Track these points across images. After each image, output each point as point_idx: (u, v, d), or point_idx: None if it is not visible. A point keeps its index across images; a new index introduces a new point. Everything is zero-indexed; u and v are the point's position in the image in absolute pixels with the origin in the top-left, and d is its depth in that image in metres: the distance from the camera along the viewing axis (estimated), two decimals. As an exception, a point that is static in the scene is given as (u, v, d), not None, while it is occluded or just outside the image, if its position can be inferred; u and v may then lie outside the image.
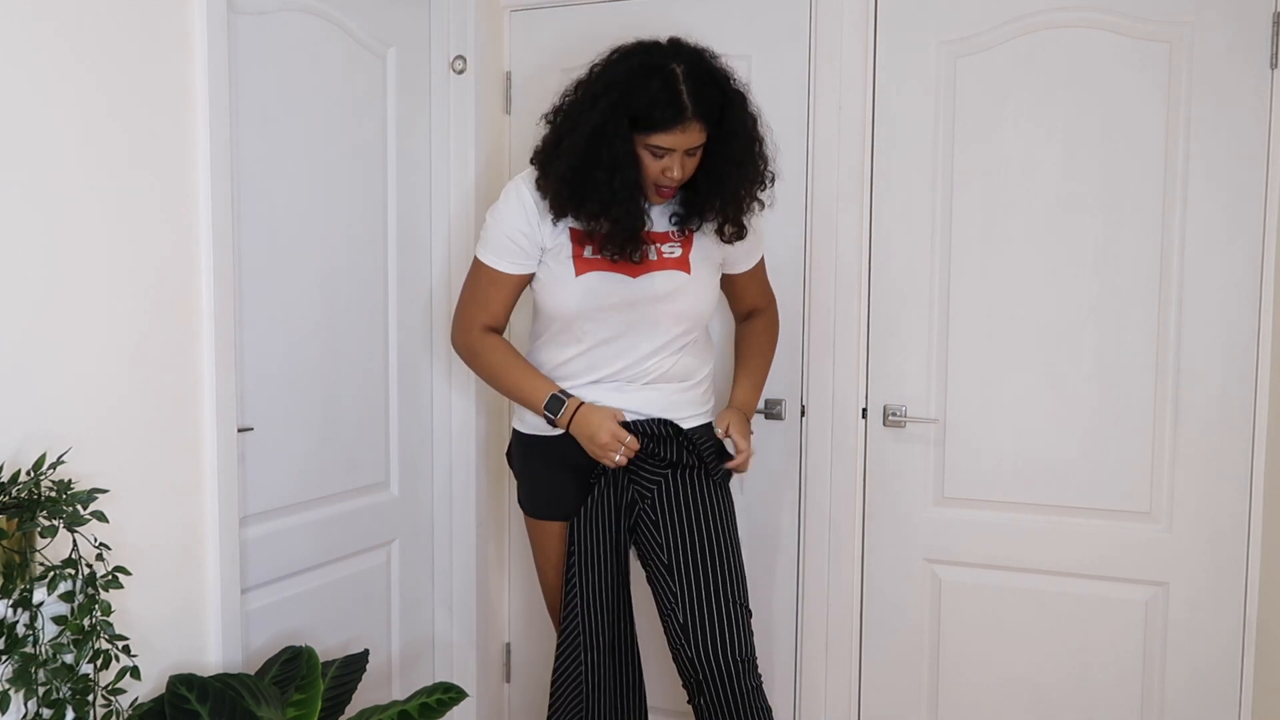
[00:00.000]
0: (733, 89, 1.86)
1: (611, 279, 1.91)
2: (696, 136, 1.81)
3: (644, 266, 1.91)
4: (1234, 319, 2.09)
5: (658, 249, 1.93)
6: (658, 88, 1.78)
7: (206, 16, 1.70)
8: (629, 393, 1.96)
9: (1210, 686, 2.17)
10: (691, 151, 1.83)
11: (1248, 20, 2.04)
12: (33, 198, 1.47)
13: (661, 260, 1.93)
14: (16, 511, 1.35)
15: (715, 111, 1.81)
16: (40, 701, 1.38)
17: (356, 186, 2.22)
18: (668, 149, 1.81)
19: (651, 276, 1.92)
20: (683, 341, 1.99)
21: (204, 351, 1.74)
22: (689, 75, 1.80)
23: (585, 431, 1.91)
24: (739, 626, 1.91)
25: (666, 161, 1.83)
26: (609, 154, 1.80)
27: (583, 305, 1.92)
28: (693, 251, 1.95)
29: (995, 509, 2.29)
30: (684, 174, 1.84)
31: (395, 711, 1.71)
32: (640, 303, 1.92)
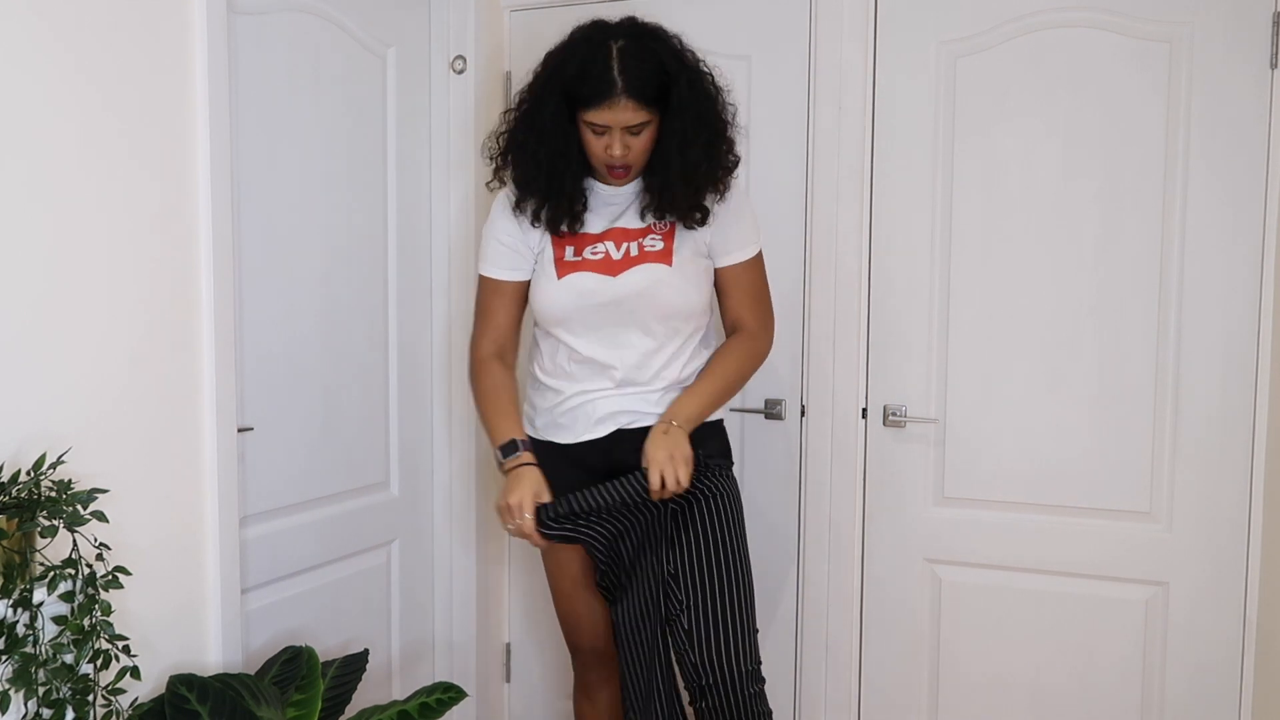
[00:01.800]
0: (682, 66, 1.82)
1: (593, 279, 1.89)
2: (633, 114, 1.78)
3: (625, 263, 1.89)
4: (1234, 319, 2.09)
5: (639, 244, 1.90)
6: (589, 63, 1.77)
7: (206, 16, 1.70)
8: (635, 397, 1.92)
9: (1210, 686, 2.17)
10: (634, 130, 1.80)
11: (1248, 20, 2.04)
12: (32, 197, 1.47)
13: (643, 254, 1.90)
14: (16, 511, 1.35)
15: (653, 90, 1.78)
16: (40, 701, 1.38)
17: (356, 186, 2.22)
18: (604, 126, 1.79)
19: (631, 273, 1.89)
20: (679, 339, 1.93)
21: (204, 351, 1.74)
22: (626, 51, 1.78)
23: (507, 486, 1.87)
24: (744, 635, 1.88)
25: (606, 139, 1.81)
26: (542, 126, 1.82)
27: (568, 307, 1.90)
28: (675, 242, 1.91)
29: (995, 509, 2.29)
30: (628, 153, 1.82)
31: (395, 711, 1.71)
32: (624, 300, 1.89)
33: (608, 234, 1.92)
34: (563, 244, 1.92)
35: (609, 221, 1.93)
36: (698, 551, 1.88)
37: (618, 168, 1.85)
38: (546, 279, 1.92)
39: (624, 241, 1.90)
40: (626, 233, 1.91)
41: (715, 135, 1.86)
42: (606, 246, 1.91)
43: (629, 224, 1.92)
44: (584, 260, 1.90)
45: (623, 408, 1.92)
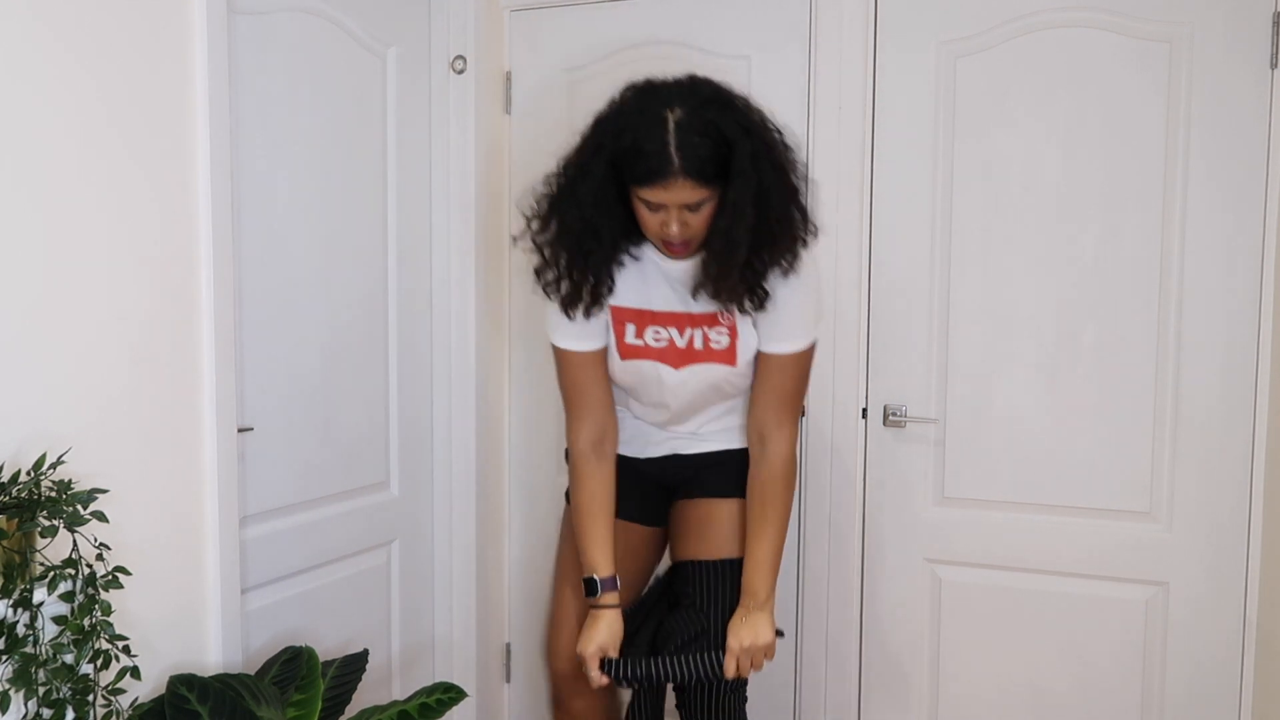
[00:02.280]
0: (745, 135, 1.63)
1: (655, 368, 1.83)
2: (691, 193, 1.62)
3: (688, 355, 1.81)
4: (1234, 319, 2.09)
5: (705, 336, 1.80)
6: (644, 139, 1.60)
7: (206, 16, 1.69)
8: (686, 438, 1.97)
9: (1210, 686, 2.17)
10: (693, 207, 1.64)
11: (1248, 20, 2.04)
12: (32, 197, 1.47)
13: (708, 351, 1.81)
14: (16, 511, 1.35)
15: (713, 167, 1.61)
16: (40, 701, 1.38)
17: (357, 186, 2.22)
18: (660, 204, 1.64)
19: (695, 369, 1.82)
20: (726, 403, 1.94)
21: (204, 351, 1.74)
22: (683, 126, 1.60)
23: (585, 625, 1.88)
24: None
25: (662, 216, 1.66)
26: (579, 194, 1.68)
27: (628, 385, 1.91)
28: (740, 340, 1.80)
29: (995, 509, 2.29)
30: (687, 231, 1.67)
31: (395, 711, 1.71)
32: (681, 393, 1.87)
33: (674, 317, 1.81)
34: (624, 319, 1.82)
35: (674, 299, 1.81)
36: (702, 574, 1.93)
37: (676, 245, 1.71)
38: (611, 353, 1.87)
39: (688, 328, 1.81)
40: (692, 318, 1.80)
41: (780, 211, 1.68)
42: (670, 333, 1.82)
43: (694, 306, 1.79)
44: (646, 346, 1.82)
45: (675, 437, 1.99)
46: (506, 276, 2.62)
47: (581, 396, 1.88)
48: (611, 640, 1.85)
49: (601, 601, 1.86)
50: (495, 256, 2.57)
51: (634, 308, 1.82)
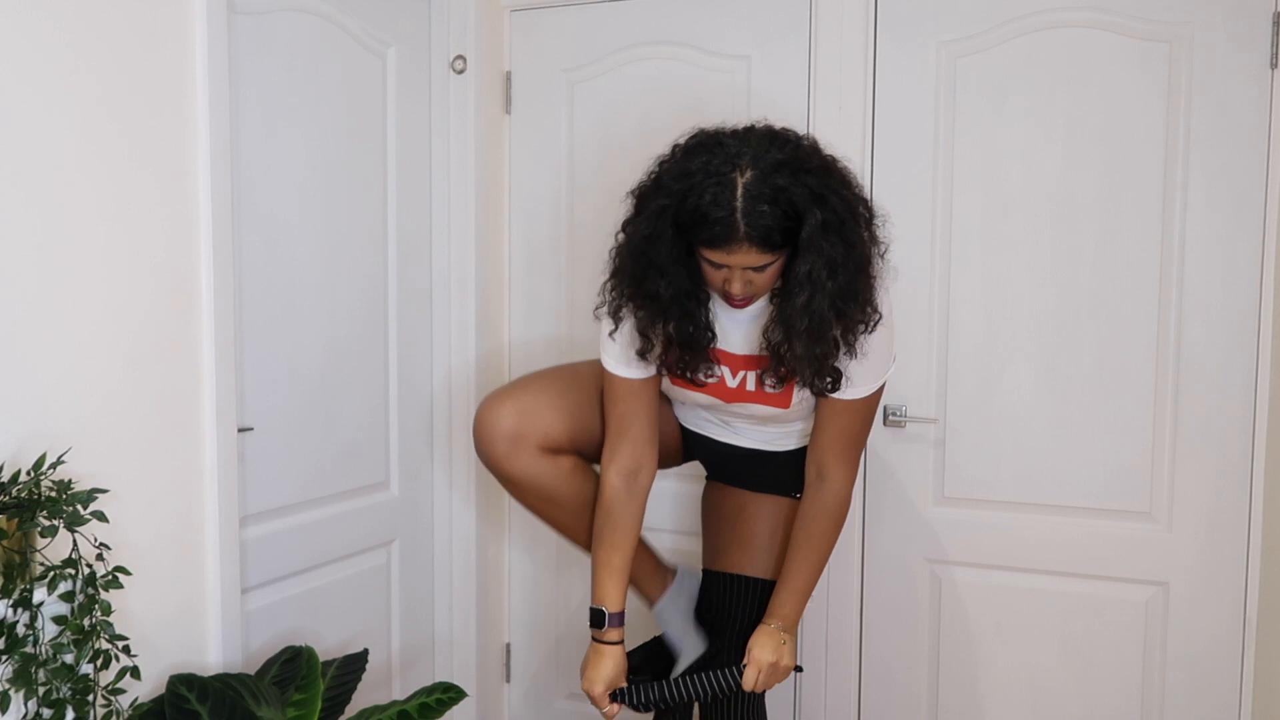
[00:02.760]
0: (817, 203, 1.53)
1: (704, 398, 1.80)
2: (756, 258, 1.54)
3: (739, 394, 1.77)
4: (1234, 318, 2.09)
5: (756, 377, 1.74)
6: (710, 202, 1.51)
7: (206, 16, 1.70)
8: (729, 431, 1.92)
9: (1210, 686, 2.17)
10: (759, 269, 1.57)
11: (1248, 20, 2.04)
12: (31, 197, 1.47)
13: (760, 393, 1.75)
14: (16, 511, 1.35)
15: (780, 236, 1.53)
16: (40, 701, 1.38)
17: (357, 186, 2.22)
18: (723, 265, 1.57)
19: (745, 406, 1.78)
20: (785, 433, 1.89)
21: (204, 351, 1.74)
22: (751, 191, 1.51)
23: (586, 661, 1.83)
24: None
25: (725, 274, 1.59)
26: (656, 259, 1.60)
27: (677, 401, 1.91)
28: (796, 387, 1.72)
29: (995, 509, 2.29)
30: (749, 290, 1.60)
31: (395, 711, 1.71)
32: (736, 416, 1.84)
33: (728, 357, 1.75)
34: None
35: (730, 338, 1.74)
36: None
37: (737, 300, 1.63)
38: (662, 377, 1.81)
39: (741, 370, 1.75)
40: (746, 360, 1.75)
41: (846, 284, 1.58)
42: (723, 371, 1.75)
43: (748, 349, 1.73)
44: (696, 379, 1.76)
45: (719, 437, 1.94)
46: (506, 276, 2.62)
47: (624, 425, 1.80)
48: (618, 674, 1.82)
49: (607, 637, 1.80)
50: (495, 256, 2.57)
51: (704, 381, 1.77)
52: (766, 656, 1.77)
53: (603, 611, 1.80)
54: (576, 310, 2.55)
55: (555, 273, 2.58)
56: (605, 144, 2.49)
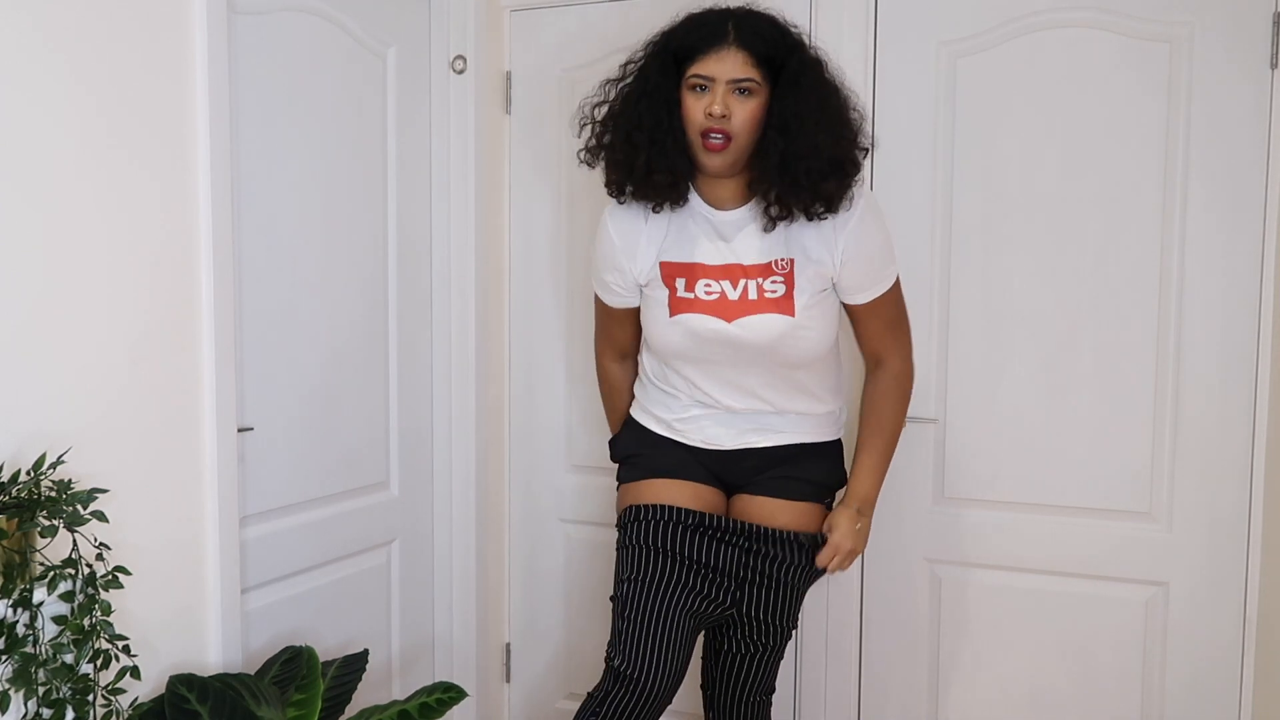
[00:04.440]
0: (801, 46, 1.71)
1: (706, 322, 1.78)
2: (740, 67, 1.65)
3: (741, 306, 1.76)
4: (1234, 319, 2.09)
5: (759, 286, 1.76)
6: (702, 19, 1.71)
7: (206, 16, 1.70)
8: (735, 425, 1.88)
9: (1210, 686, 2.17)
10: (740, 88, 1.66)
11: (1248, 20, 2.04)
12: (32, 197, 1.47)
13: (762, 300, 1.76)
14: (16, 511, 1.35)
15: (765, 47, 1.67)
16: (40, 701, 1.38)
17: (357, 186, 2.22)
18: (708, 79, 1.66)
19: (749, 321, 1.76)
20: (795, 377, 1.85)
21: (204, 351, 1.74)
22: (739, 14, 1.71)
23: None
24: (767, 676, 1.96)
25: (708, 98, 1.67)
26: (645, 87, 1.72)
27: (681, 346, 1.82)
28: (797, 289, 1.76)
29: (995, 509, 2.29)
30: (729, 115, 1.66)
31: (395, 711, 1.71)
32: (742, 348, 1.79)
33: (725, 270, 1.78)
34: (673, 274, 1.80)
35: (725, 251, 1.79)
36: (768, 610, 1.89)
37: (715, 132, 1.67)
38: (659, 313, 1.83)
39: (741, 279, 1.77)
40: (745, 269, 1.77)
41: (838, 120, 1.71)
42: (723, 286, 1.78)
43: (747, 258, 1.77)
44: (697, 299, 1.78)
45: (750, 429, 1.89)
46: (506, 276, 2.62)
47: (612, 334, 2.01)
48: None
49: None
50: (495, 256, 2.57)
51: (683, 262, 1.80)
52: (846, 542, 1.85)
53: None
54: (576, 310, 2.55)
55: (555, 273, 2.58)
56: (605, 144, 2.49)
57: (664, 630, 1.79)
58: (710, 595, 1.84)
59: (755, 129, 1.69)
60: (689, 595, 1.82)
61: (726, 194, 1.78)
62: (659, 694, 1.78)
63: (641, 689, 1.76)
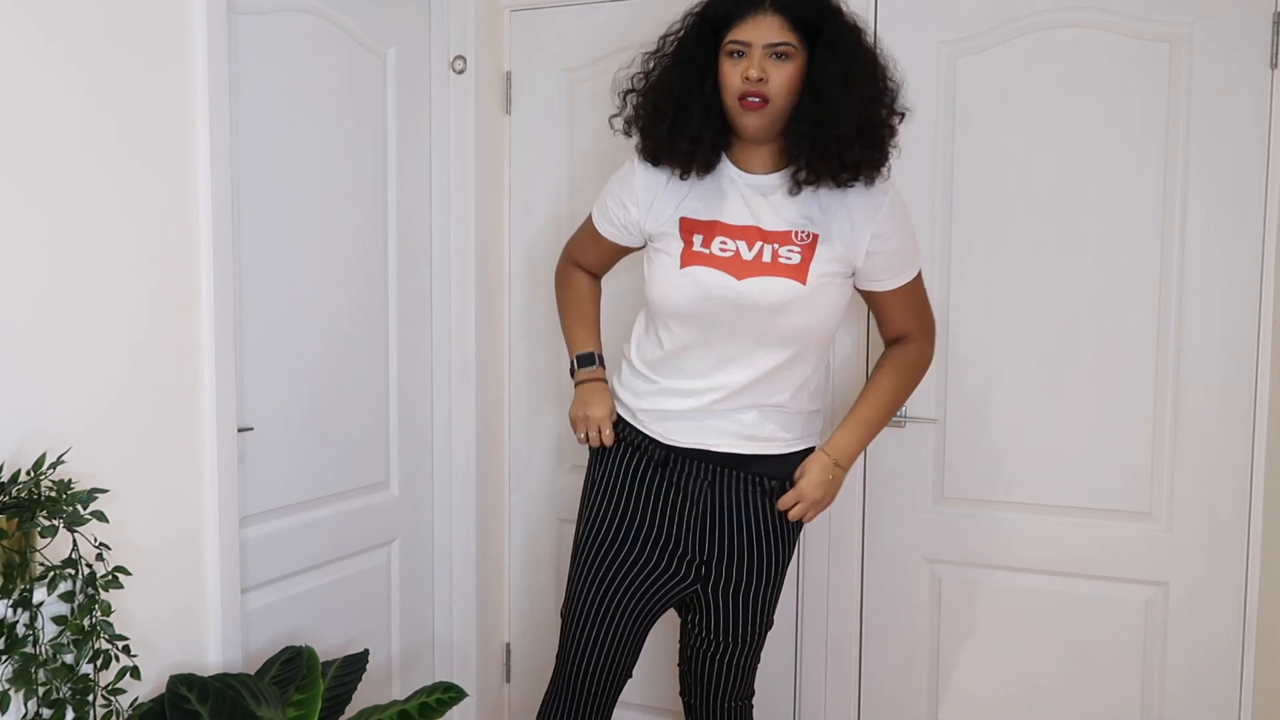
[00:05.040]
0: (839, 12, 1.71)
1: (716, 276, 1.74)
2: (777, 32, 1.66)
3: (754, 267, 1.73)
4: (1234, 319, 2.09)
5: (774, 251, 1.74)
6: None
7: (206, 16, 1.70)
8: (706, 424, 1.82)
9: (1210, 686, 2.17)
10: (777, 53, 1.66)
11: (1248, 20, 2.04)
12: (32, 198, 1.47)
13: (776, 265, 1.73)
14: (16, 511, 1.35)
15: (800, 11, 1.67)
16: (40, 701, 1.38)
17: (356, 186, 2.22)
18: (744, 44, 1.67)
19: (759, 281, 1.73)
20: (786, 371, 1.79)
21: (204, 351, 1.74)
22: None
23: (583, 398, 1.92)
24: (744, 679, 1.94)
25: (744, 65, 1.67)
26: (685, 58, 1.73)
27: (685, 301, 1.76)
28: (814, 261, 1.73)
29: (995, 509, 2.29)
30: (765, 79, 1.66)
31: (395, 711, 1.71)
32: (746, 309, 1.73)
33: (744, 230, 1.76)
34: (692, 230, 1.77)
35: (748, 214, 1.77)
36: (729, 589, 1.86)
37: (752, 95, 1.67)
38: (668, 265, 1.78)
39: (758, 242, 1.75)
40: (764, 234, 1.75)
41: (872, 86, 1.70)
42: (739, 245, 1.75)
43: (769, 223, 1.75)
44: (711, 255, 1.75)
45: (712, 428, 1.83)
46: (506, 276, 2.62)
47: (583, 252, 1.99)
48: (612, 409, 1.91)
49: (597, 374, 1.95)
50: (495, 256, 2.57)
51: (704, 219, 1.78)
52: (814, 491, 1.82)
53: (592, 353, 1.97)
54: (576, 310, 2.55)
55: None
56: (605, 144, 2.49)
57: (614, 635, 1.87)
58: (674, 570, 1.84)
59: (792, 93, 1.69)
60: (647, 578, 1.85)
61: (760, 159, 1.77)
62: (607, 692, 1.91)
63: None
